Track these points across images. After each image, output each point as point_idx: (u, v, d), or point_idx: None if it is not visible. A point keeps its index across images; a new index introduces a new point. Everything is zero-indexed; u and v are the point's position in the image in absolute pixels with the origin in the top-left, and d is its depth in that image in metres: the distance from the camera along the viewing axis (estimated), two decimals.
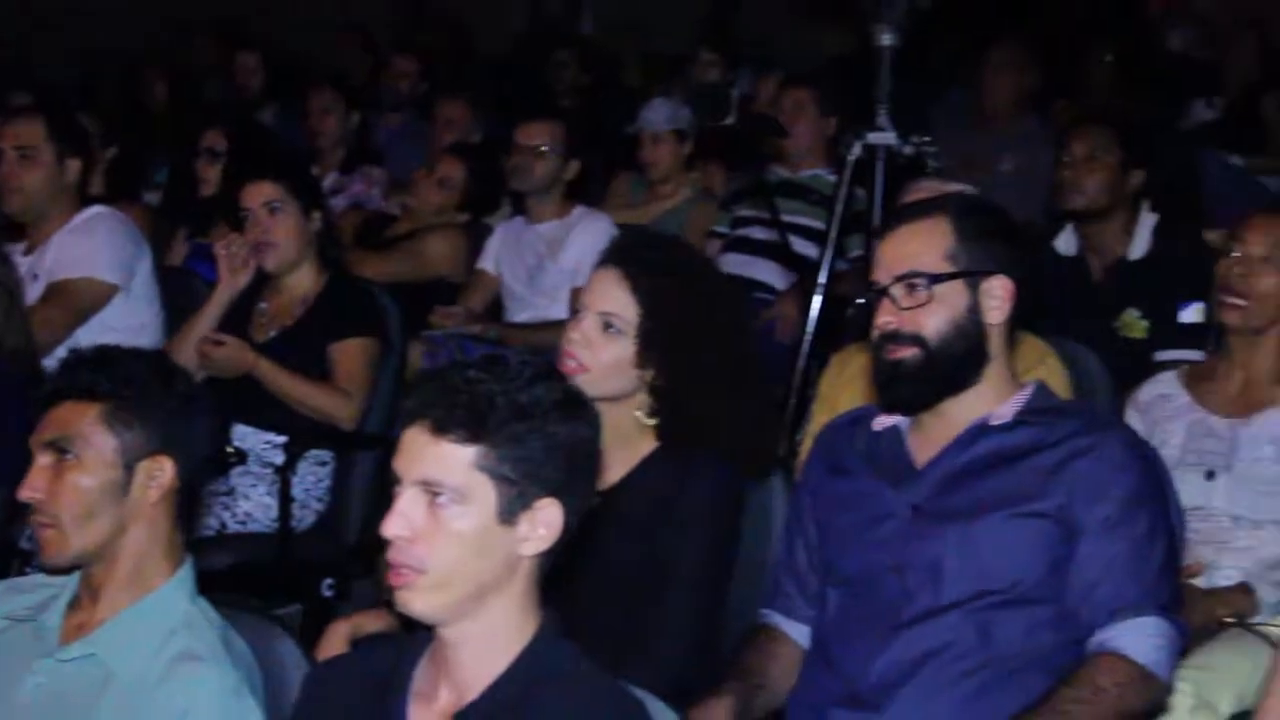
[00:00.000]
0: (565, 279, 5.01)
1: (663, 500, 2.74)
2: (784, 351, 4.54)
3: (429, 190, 5.65)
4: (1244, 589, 3.19)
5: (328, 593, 3.97)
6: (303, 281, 4.23)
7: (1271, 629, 3.04)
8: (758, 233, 5.42)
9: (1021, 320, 2.66)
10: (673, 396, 2.78)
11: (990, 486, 2.52)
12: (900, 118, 4.12)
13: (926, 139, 4.12)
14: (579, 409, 2.06)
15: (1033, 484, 2.49)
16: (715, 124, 5.72)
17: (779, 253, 5.20)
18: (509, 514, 1.99)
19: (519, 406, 1.98)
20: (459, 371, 2.03)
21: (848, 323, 3.72)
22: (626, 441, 2.79)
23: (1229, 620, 3.16)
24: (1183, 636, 2.49)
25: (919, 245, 2.56)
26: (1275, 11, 8.09)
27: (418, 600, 2.00)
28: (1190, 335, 4.06)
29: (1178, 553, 2.55)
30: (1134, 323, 4.25)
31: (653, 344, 2.76)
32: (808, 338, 4.24)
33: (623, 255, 2.83)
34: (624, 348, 2.76)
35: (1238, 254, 3.37)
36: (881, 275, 2.58)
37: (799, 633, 2.70)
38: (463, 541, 1.98)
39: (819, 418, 3.48)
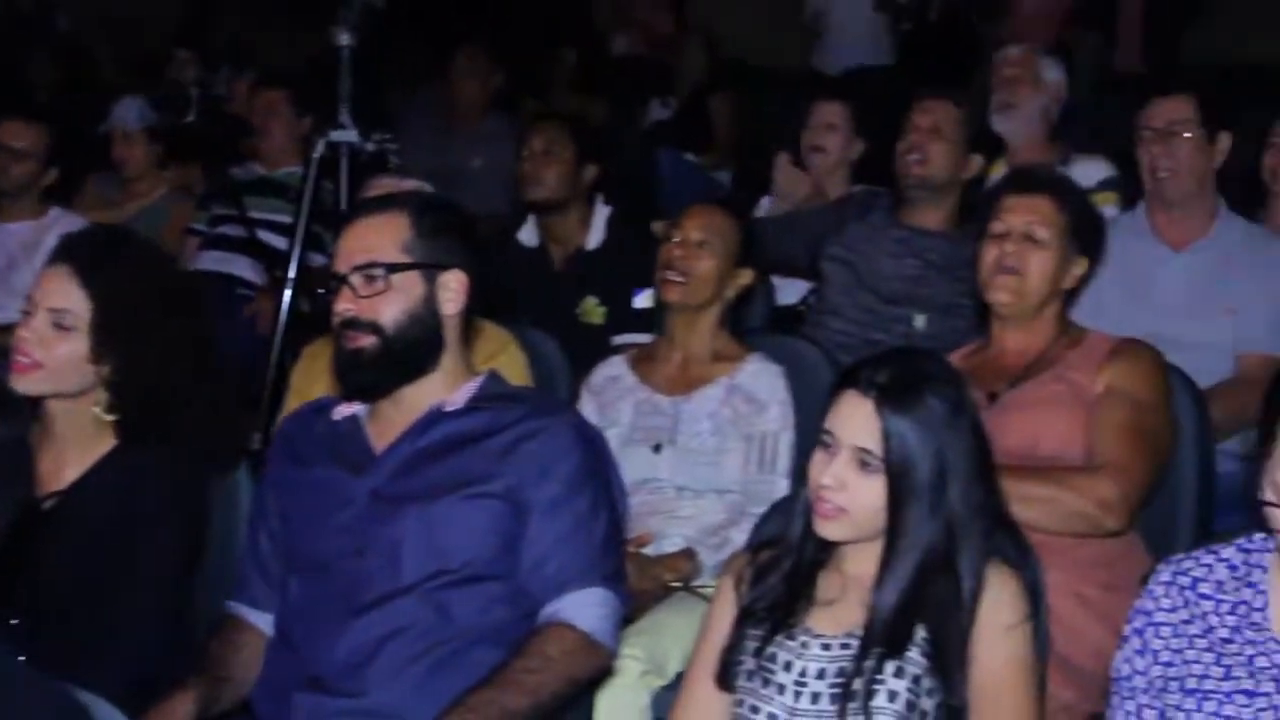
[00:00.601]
0: None
1: (122, 497, 2.63)
2: (265, 345, 4.46)
3: None
4: (688, 554, 3.31)
5: None
6: None
7: (711, 589, 3.14)
8: (234, 230, 5.31)
9: (479, 311, 2.68)
10: (131, 391, 2.67)
11: (445, 470, 2.52)
12: (364, 116, 4.10)
13: (388, 136, 4.11)
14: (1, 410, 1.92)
15: (484, 466, 2.51)
16: (177, 122, 5.58)
17: (255, 249, 5.11)
18: None
19: None
20: None
21: (319, 316, 3.66)
22: (85, 439, 2.68)
23: (675, 584, 3.27)
24: (624, 605, 2.55)
25: (377, 237, 2.55)
26: (718, 21, 8.47)
27: None
28: (643, 319, 4.19)
29: (620, 528, 2.61)
30: (593, 309, 4.35)
31: (106, 339, 2.65)
32: (280, 331, 4.17)
33: (72, 252, 2.71)
34: (77, 343, 2.64)
35: (678, 239, 3.51)
36: (342, 265, 2.56)
37: (265, 622, 2.63)
38: None
39: (292, 410, 3.41)
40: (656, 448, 3.42)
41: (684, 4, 8.70)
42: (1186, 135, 3.88)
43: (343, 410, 2.63)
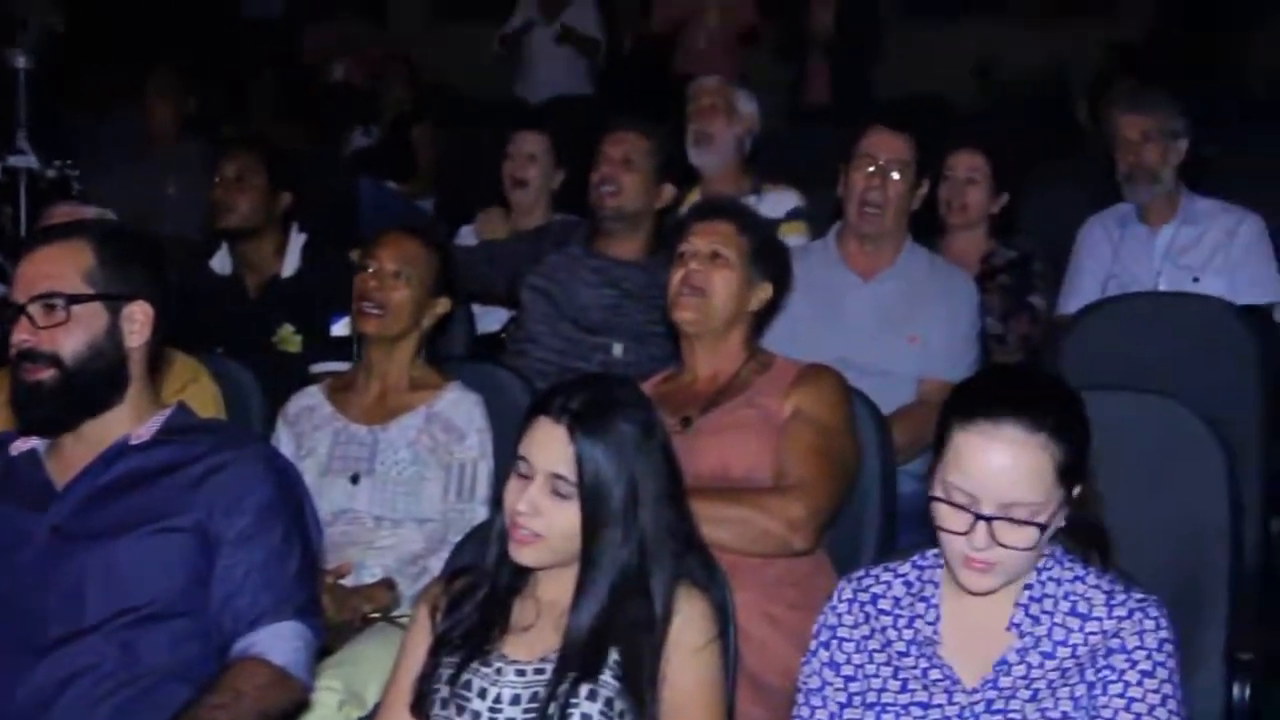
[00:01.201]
0: None
1: None
2: None
3: None
4: (387, 584, 3.29)
5: None
6: None
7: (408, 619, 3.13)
8: None
9: (169, 341, 2.63)
10: None
11: (130, 504, 2.47)
12: (44, 141, 3.99)
13: (69, 162, 4.00)
14: None
15: (172, 500, 2.46)
16: None
17: None
18: None
19: None
20: None
21: None
22: None
23: (374, 615, 3.24)
24: (320, 637, 2.53)
25: (58, 266, 2.49)
26: (424, 47, 8.47)
27: None
28: (340, 347, 4.14)
29: (315, 559, 2.58)
30: (290, 337, 4.30)
31: None
32: None
33: None
34: None
35: (373, 269, 3.49)
36: (20, 294, 2.49)
37: None
38: None
39: None
40: (354, 478, 3.39)
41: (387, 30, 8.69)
42: (896, 176, 4.00)
43: (21, 445, 2.56)
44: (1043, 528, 2.14)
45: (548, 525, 2.31)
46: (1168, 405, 3.02)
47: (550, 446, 2.31)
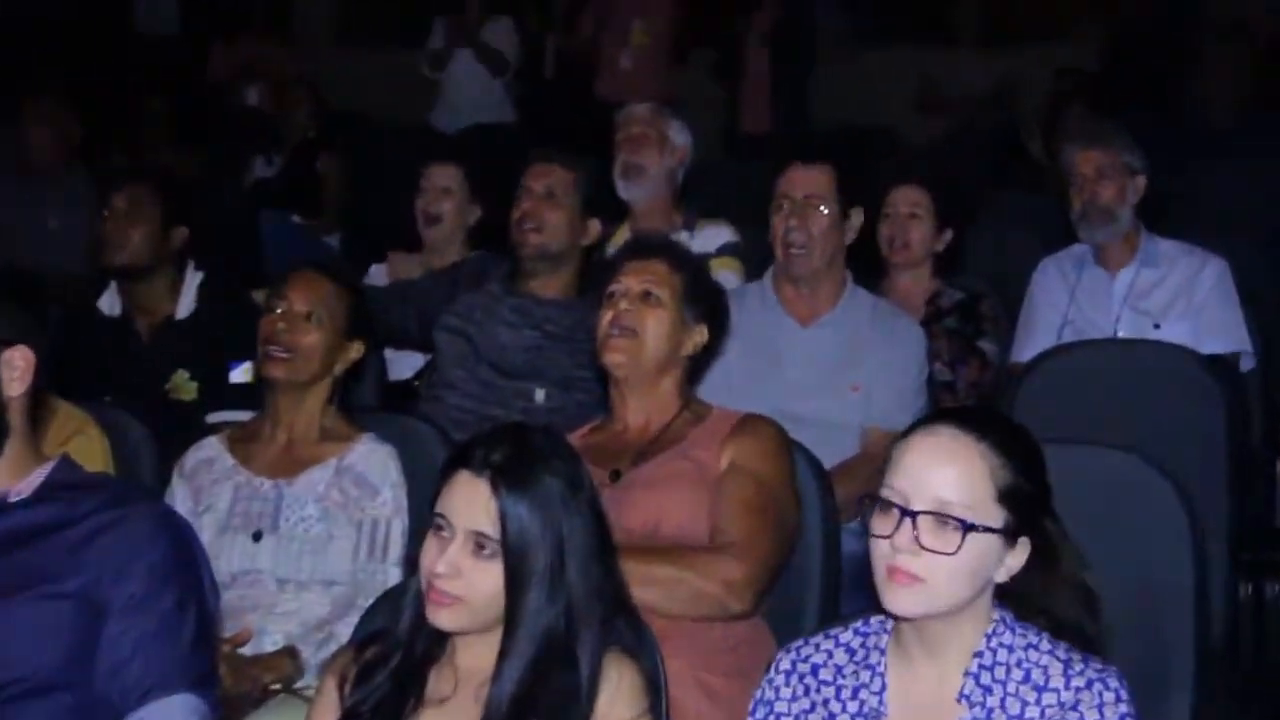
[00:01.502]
0: None
1: None
2: None
3: None
4: (290, 653, 3.25)
5: None
6: None
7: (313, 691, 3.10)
8: None
9: (52, 389, 2.59)
10: None
11: (10, 568, 2.42)
12: None
13: None
14: None
15: (55, 563, 2.42)
16: None
17: None
18: None
19: None
20: None
21: None
22: None
23: (275, 686, 3.20)
24: (215, 711, 2.49)
25: None
26: (330, 69, 8.45)
27: None
28: (241, 395, 4.11)
29: (211, 626, 2.55)
30: (184, 384, 4.26)
31: None
32: None
33: None
34: None
35: (281, 309, 3.46)
36: None
37: None
38: None
39: None
40: (256, 536, 3.35)
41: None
42: (823, 210, 4.01)
43: None
44: (968, 528, 2.16)
45: (468, 587, 2.30)
46: (1128, 460, 3.04)
47: (472, 503, 2.30)
